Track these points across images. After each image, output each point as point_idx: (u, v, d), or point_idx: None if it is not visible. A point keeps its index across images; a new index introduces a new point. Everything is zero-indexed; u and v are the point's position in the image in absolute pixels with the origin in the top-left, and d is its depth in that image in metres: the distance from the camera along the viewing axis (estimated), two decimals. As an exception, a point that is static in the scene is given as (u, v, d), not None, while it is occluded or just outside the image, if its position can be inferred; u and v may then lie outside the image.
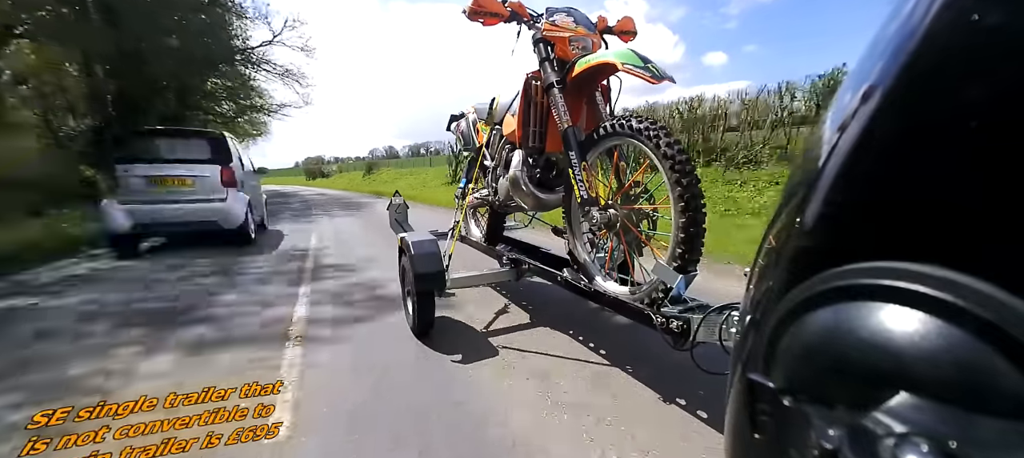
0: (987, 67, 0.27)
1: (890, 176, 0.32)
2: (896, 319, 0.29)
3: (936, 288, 0.28)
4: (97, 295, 3.78)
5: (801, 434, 0.32)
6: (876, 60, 0.35)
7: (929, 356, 0.28)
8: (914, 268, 0.29)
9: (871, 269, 0.31)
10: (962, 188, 0.29)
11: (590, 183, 2.00)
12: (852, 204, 0.35)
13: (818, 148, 0.39)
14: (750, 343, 0.42)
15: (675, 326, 1.59)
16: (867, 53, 0.37)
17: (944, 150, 0.30)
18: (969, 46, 0.28)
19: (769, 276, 0.43)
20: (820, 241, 0.37)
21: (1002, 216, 0.26)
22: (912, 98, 0.32)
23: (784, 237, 0.42)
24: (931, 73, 0.31)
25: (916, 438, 0.26)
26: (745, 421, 0.39)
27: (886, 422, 0.28)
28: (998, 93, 0.27)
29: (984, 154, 0.28)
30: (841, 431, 0.29)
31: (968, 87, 0.28)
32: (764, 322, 0.39)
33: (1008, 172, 0.26)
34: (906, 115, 0.33)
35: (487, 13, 2.20)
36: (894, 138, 0.32)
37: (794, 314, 0.35)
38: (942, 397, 0.27)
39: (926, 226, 0.31)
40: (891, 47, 0.33)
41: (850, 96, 0.37)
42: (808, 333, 0.34)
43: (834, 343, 0.32)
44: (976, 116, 0.28)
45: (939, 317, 0.28)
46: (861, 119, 0.34)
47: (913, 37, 0.32)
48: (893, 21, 0.34)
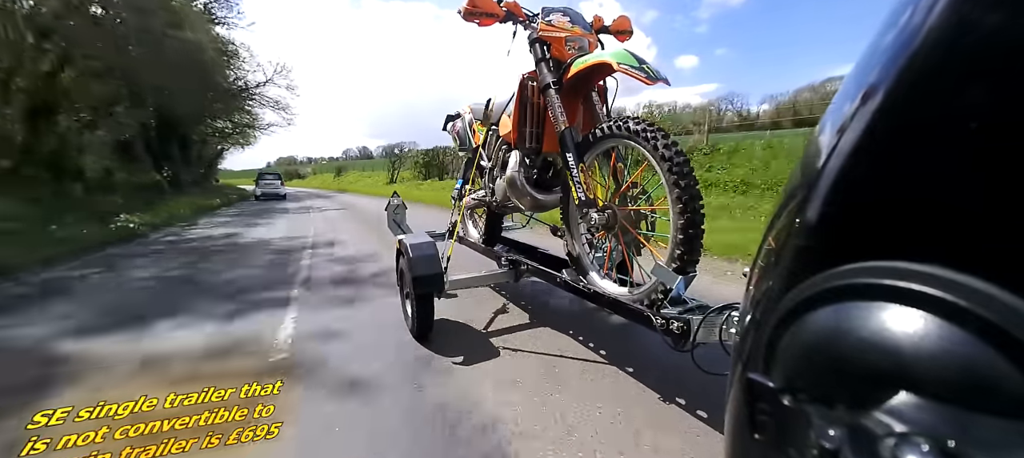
0: (987, 68, 0.27)
1: (890, 176, 0.32)
2: (896, 319, 0.29)
3: (936, 288, 0.28)
4: (243, 209, 14.80)
5: (801, 434, 0.32)
6: (875, 61, 0.35)
7: (929, 356, 0.28)
8: (914, 268, 0.29)
9: (871, 269, 0.31)
10: (962, 189, 0.29)
11: (588, 184, 2.00)
12: (852, 204, 0.36)
13: (818, 149, 0.39)
14: (750, 343, 0.42)
15: (675, 327, 1.59)
16: (867, 54, 0.37)
17: (944, 151, 0.30)
18: (969, 47, 0.28)
19: (769, 276, 0.43)
20: (820, 241, 0.37)
21: (1002, 216, 0.27)
22: (912, 99, 0.32)
23: (784, 237, 0.42)
24: (930, 74, 0.31)
25: (916, 438, 0.26)
26: (745, 421, 0.39)
27: (886, 422, 0.28)
28: (998, 94, 0.27)
29: (984, 155, 0.28)
30: (841, 431, 0.29)
31: (968, 88, 0.28)
32: (764, 322, 0.39)
33: (1008, 173, 0.26)
34: (906, 116, 0.33)
35: (483, 13, 2.19)
36: (894, 139, 0.33)
37: (794, 314, 0.35)
38: (942, 397, 0.27)
39: (926, 226, 0.31)
40: (890, 48, 0.34)
41: (850, 97, 0.37)
42: (808, 333, 0.34)
43: (834, 343, 0.32)
44: (976, 117, 0.28)
45: (939, 317, 0.28)
46: (861, 120, 0.34)
47: (912, 38, 0.32)
48: (892, 22, 0.35)
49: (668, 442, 1.65)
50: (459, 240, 3.35)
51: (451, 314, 3.02)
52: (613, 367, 2.25)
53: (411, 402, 1.96)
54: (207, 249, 6.71)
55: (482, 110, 2.96)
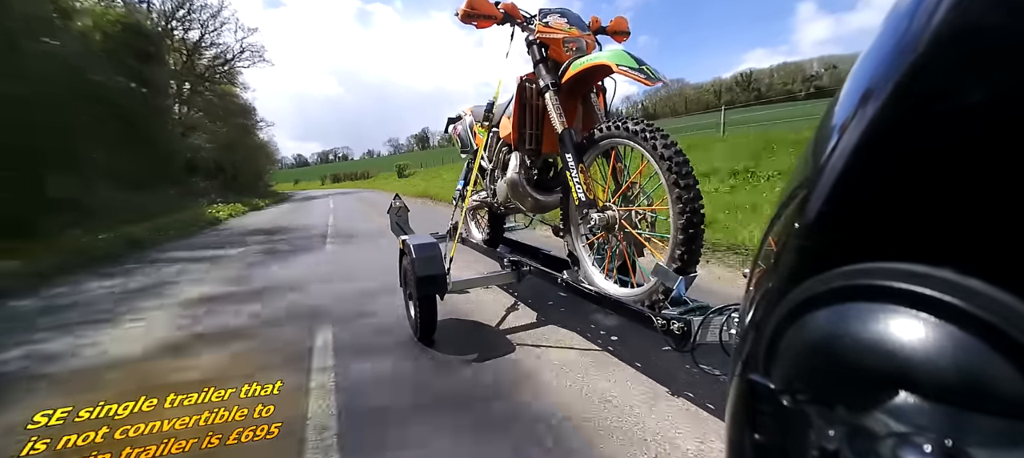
0: (989, 68, 0.27)
1: (890, 177, 0.32)
2: (896, 320, 0.29)
3: (936, 289, 0.28)
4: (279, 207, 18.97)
5: (801, 434, 0.32)
6: (877, 61, 0.35)
7: (929, 357, 0.28)
8: (914, 269, 0.29)
9: (871, 270, 0.31)
10: (962, 189, 0.29)
11: (588, 185, 2.00)
12: (852, 204, 0.36)
13: (818, 148, 0.39)
14: (750, 343, 0.42)
15: (675, 328, 1.59)
16: (868, 53, 0.37)
17: (944, 151, 0.30)
18: (970, 47, 0.28)
19: (769, 276, 0.43)
20: (820, 241, 0.37)
21: (1003, 217, 0.26)
22: (912, 99, 0.32)
23: (784, 237, 0.42)
24: (932, 74, 0.31)
25: (916, 438, 0.26)
26: (745, 421, 0.39)
27: (886, 422, 0.28)
28: (999, 94, 0.27)
29: (984, 155, 0.28)
30: (841, 431, 0.29)
31: (969, 88, 0.28)
32: (764, 322, 0.39)
33: (1008, 173, 0.26)
34: (906, 116, 0.33)
35: (480, 16, 2.20)
36: (894, 139, 0.33)
37: (794, 314, 0.35)
38: (942, 397, 0.27)
39: (926, 227, 0.31)
40: (892, 47, 0.34)
41: (851, 97, 0.37)
42: (808, 333, 0.34)
43: (834, 343, 0.32)
44: (977, 117, 0.28)
45: (939, 318, 0.28)
46: (861, 120, 0.34)
47: (914, 38, 0.32)
48: (894, 21, 0.35)
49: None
50: (461, 241, 3.35)
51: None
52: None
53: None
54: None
55: (483, 112, 2.97)
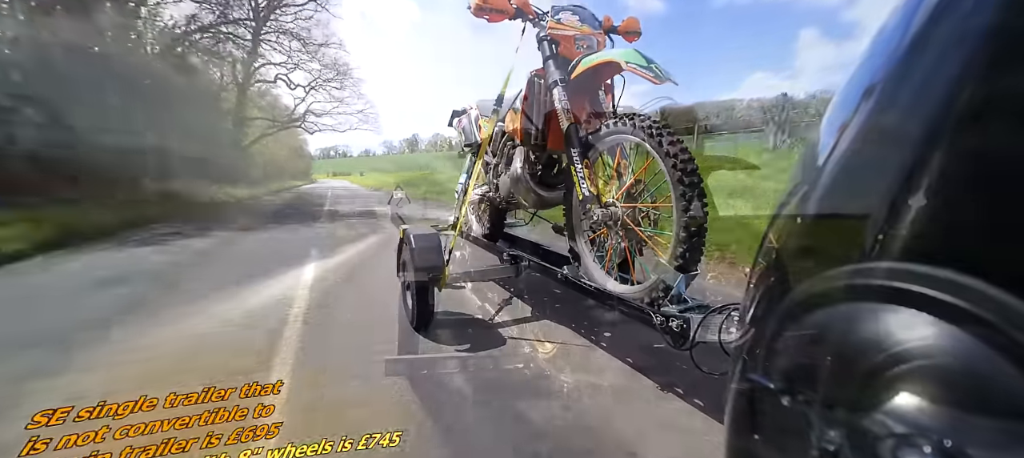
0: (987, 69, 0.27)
1: (889, 177, 0.32)
2: (896, 320, 0.29)
3: (936, 289, 0.28)
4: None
5: (801, 434, 0.32)
6: (876, 62, 0.35)
7: (928, 356, 0.28)
8: (914, 269, 0.29)
9: (871, 270, 0.31)
10: (962, 190, 0.29)
11: (592, 181, 1.99)
12: (850, 205, 0.35)
13: (818, 150, 0.39)
14: (750, 343, 0.42)
15: (675, 326, 1.59)
16: (867, 55, 0.37)
17: (943, 152, 0.30)
18: (969, 48, 0.28)
19: (769, 277, 0.43)
20: (820, 241, 0.37)
21: (1001, 218, 0.26)
22: (911, 100, 0.32)
23: (785, 237, 0.42)
24: (930, 75, 0.31)
25: (916, 438, 0.26)
26: (745, 421, 0.39)
27: (886, 422, 0.28)
28: (998, 95, 0.27)
29: (984, 156, 0.27)
30: (841, 431, 0.29)
31: (968, 89, 0.28)
32: (764, 322, 0.39)
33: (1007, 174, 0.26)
34: (905, 117, 0.32)
35: (492, 9, 2.21)
36: (893, 140, 0.32)
37: (794, 315, 0.35)
38: (942, 397, 0.27)
39: (925, 227, 0.31)
40: (891, 49, 0.33)
41: (850, 99, 0.37)
42: (808, 333, 0.34)
43: (834, 343, 0.32)
44: (976, 118, 0.28)
45: (939, 317, 0.28)
46: (861, 121, 0.34)
47: (913, 40, 0.31)
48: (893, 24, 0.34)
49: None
50: (462, 234, 3.35)
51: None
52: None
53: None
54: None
55: (488, 106, 2.97)
